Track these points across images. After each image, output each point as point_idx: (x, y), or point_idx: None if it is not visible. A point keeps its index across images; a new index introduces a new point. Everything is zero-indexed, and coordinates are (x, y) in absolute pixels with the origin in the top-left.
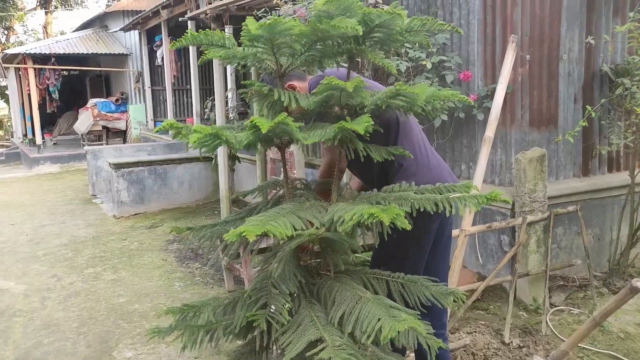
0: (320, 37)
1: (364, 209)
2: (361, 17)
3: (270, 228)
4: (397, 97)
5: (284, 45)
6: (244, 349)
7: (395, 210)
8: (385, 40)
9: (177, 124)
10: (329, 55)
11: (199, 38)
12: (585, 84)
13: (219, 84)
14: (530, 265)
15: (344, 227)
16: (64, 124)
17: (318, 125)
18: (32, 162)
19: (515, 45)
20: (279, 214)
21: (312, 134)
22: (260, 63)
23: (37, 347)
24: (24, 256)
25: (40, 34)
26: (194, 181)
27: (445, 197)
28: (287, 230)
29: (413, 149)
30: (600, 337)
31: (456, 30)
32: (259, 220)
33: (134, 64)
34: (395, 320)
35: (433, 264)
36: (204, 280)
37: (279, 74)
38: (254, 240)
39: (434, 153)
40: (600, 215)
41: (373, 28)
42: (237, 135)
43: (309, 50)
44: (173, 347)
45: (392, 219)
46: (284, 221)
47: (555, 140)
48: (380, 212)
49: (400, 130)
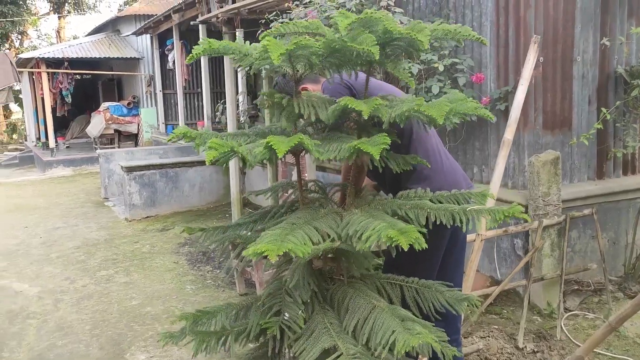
0: (339, 49)
1: (382, 230)
2: (382, 32)
3: (291, 246)
4: (416, 112)
5: (302, 57)
6: (256, 353)
7: (414, 235)
8: (407, 48)
9: (189, 132)
10: (347, 64)
11: (217, 48)
12: (600, 86)
13: (230, 88)
14: (544, 269)
15: (361, 247)
16: (77, 127)
17: (334, 136)
18: (45, 165)
19: (537, 46)
20: (295, 224)
21: (328, 149)
22: (276, 69)
23: (51, 349)
24: (38, 258)
25: (53, 39)
26: (205, 184)
27: (462, 209)
28: (307, 248)
29: (427, 153)
30: (616, 342)
31: (481, 40)
32: (277, 234)
33: (145, 68)
34: (409, 333)
35: (448, 269)
36: (215, 283)
37: (295, 79)
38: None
39: (448, 156)
40: (615, 218)
41: (394, 39)
42: (252, 150)
43: (327, 58)
44: (185, 350)
45: (410, 243)
46: (302, 235)
47: (570, 142)
48: (398, 235)
49: (414, 134)
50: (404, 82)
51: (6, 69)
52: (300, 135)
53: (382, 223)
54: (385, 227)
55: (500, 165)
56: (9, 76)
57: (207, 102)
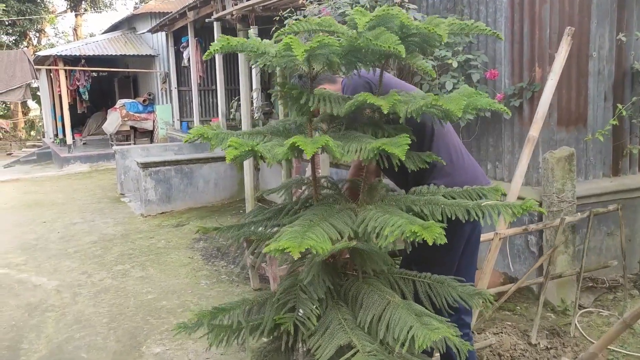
0: (358, 48)
1: (405, 224)
2: (399, 27)
3: (312, 243)
4: (433, 107)
5: (322, 56)
6: (270, 347)
7: (437, 230)
8: (422, 44)
9: (207, 133)
10: (364, 61)
11: (235, 46)
12: (616, 82)
13: (245, 84)
14: (558, 266)
15: (382, 242)
16: (93, 124)
17: (352, 135)
18: (62, 162)
19: (570, 38)
20: (312, 221)
21: (349, 149)
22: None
23: (69, 341)
24: (56, 253)
25: (70, 36)
26: (220, 180)
27: (477, 205)
28: (327, 245)
29: (448, 149)
30: (631, 339)
31: (497, 35)
32: (297, 231)
33: (161, 65)
34: (428, 328)
35: (461, 265)
36: (229, 278)
37: (311, 77)
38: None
39: (467, 154)
40: (631, 215)
41: (410, 35)
42: (272, 149)
43: (345, 57)
44: (200, 344)
45: (434, 238)
46: (321, 232)
47: (585, 139)
48: (422, 230)
49: (435, 132)
50: (417, 79)
51: (24, 66)
52: (327, 137)
53: (401, 219)
54: (406, 222)
55: (523, 163)
56: (26, 74)
57: (221, 99)
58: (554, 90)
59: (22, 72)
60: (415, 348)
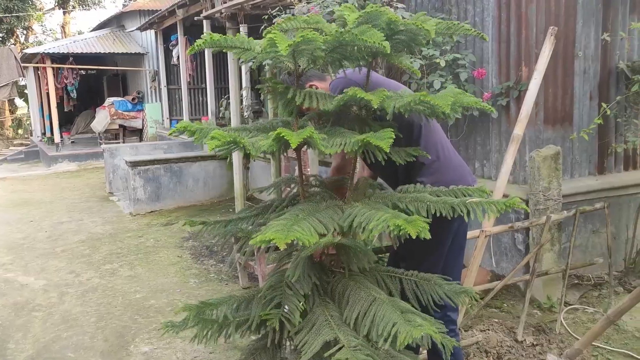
0: (344, 43)
1: (389, 219)
2: (386, 24)
3: (298, 235)
4: (420, 104)
5: (306, 52)
6: (258, 344)
7: (420, 224)
8: (409, 42)
9: (191, 126)
10: (350, 59)
11: (218, 42)
12: (601, 81)
13: (234, 83)
14: (544, 264)
15: (367, 235)
16: (82, 122)
17: (337, 131)
18: (50, 160)
19: (554, 38)
20: (298, 216)
21: (333, 143)
22: (279, 64)
23: (56, 341)
24: (43, 252)
25: (58, 34)
26: (209, 179)
27: (462, 202)
28: (313, 237)
29: (436, 148)
30: (615, 335)
31: (481, 36)
32: (283, 224)
33: (150, 63)
34: (411, 325)
35: (448, 262)
36: (218, 277)
37: (297, 74)
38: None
39: (455, 152)
40: (616, 213)
41: (397, 32)
42: (255, 142)
43: (331, 53)
44: (188, 342)
45: (418, 232)
46: (307, 225)
47: (570, 137)
48: (406, 224)
49: (423, 129)
50: (406, 78)
51: (10, 64)
52: (311, 129)
53: (386, 214)
54: (390, 217)
55: (508, 161)
56: (13, 71)
57: (211, 97)
58: (540, 89)
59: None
60: (397, 344)
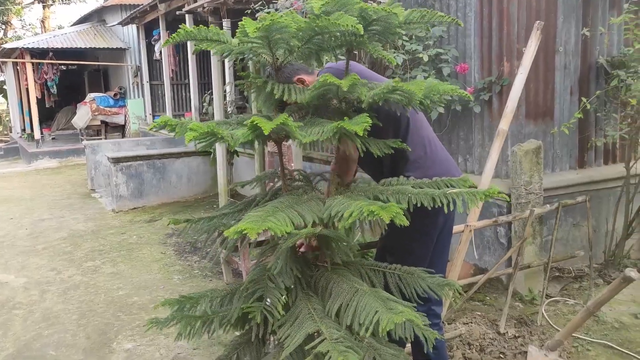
0: (319, 32)
1: (364, 206)
2: (358, 12)
3: (271, 225)
4: (395, 92)
5: (281, 41)
6: (241, 339)
7: (395, 209)
8: (384, 33)
9: (171, 121)
10: (326, 49)
11: (193, 34)
12: (582, 76)
13: (217, 78)
14: (526, 257)
15: (343, 224)
16: (63, 118)
17: (316, 121)
18: (30, 157)
19: (540, 33)
20: (277, 208)
21: (311, 132)
22: (257, 57)
23: (37, 339)
24: (24, 250)
25: (38, 29)
26: (193, 175)
27: (442, 193)
28: (287, 227)
29: (422, 142)
30: (595, 327)
31: (456, 22)
32: (259, 216)
33: (132, 59)
34: (392, 312)
35: (434, 256)
36: (202, 273)
37: (276, 67)
38: (255, 237)
39: (442, 147)
40: (596, 207)
41: (371, 22)
42: (234, 133)
43: (307, 44)
44: (172, 339)
45: (391, 217)
46: (283, 217)
47: (551, 132)
48: (380, 210)
49: (410, 123)
50: (389, 73)
51: None
52: (285, 115)
53: (362, 202)
54: (366, 204)
55: (493, 156)
56: None
57: (194, 93)
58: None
59: None
60: (379, 332)
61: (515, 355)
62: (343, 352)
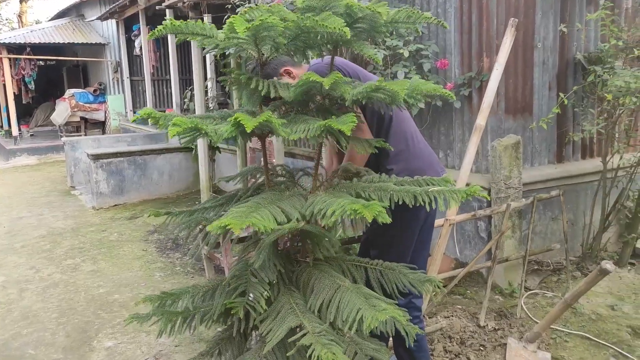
0: (305, 31)
1: (347, 204)
2: (344, 10)
3: (254, 221)
4: (378, 91)
5: (268, 38)
6: (223, 335)
7: (377, 208)
8: (370, 31)
9: (155, 113)
10: (312, 46)
11: (179, 27)
12: (560, 72)
13: (198, 74)
14: (506, 251)
15: (326, 221)
16: (41, 115)
17: (301, 118)
18: (8, 154)
19: (514, 30)
20: (260, 204)
21: (296, 129)
22: (242, 52)
23: (16, 337)
24: (1, 248)
25: (15, 23)
26: (174, 172)
27: (424, 190)
28: (270, 224)
29: (405, 136)
30: (573, 318)
31: (442, 24)
32: (242, 211)
33: (111, 54)
34: (375, 310)
35: (415, 250)
36: (184, 270)
37: (261, 63)
38: (238, 233)
39: (424, 141)
40: (574, 200)
41: (357, 19)
42: (217, 129)
43: (293, 41)
44: (153, 336)
45: (374, 216)
46: (266, 213)
47: (530, 127)
48: (363, 208)
49: (394, 119)
50: (370, 69)
51: None
52: (269, 113)
53: (345, 200)
54: (349, 202)
55: (471, 151)
56: None
57: (175, 89)
58: (501, 80)
59: None
60: (363, 329)
61: (495, 348)
62: (326, 345)
